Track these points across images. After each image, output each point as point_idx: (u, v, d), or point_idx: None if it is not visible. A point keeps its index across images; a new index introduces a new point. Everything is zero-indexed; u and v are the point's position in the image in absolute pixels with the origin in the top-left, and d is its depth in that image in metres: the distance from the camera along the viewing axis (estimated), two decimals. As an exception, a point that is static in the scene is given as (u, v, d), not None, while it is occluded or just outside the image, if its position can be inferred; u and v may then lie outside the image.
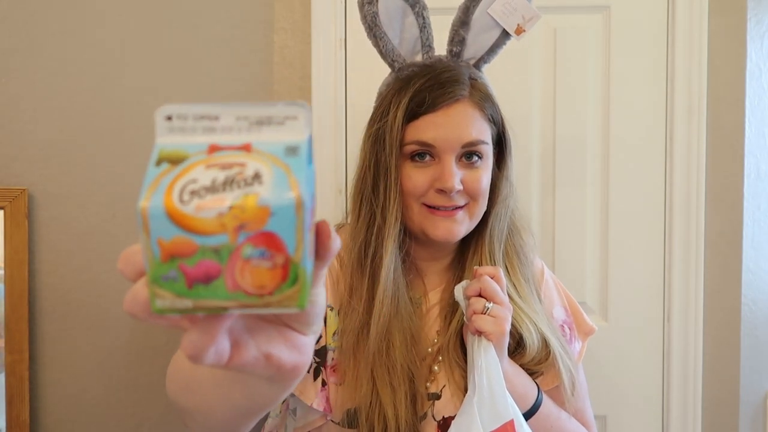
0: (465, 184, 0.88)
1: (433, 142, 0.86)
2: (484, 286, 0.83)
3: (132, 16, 1.24)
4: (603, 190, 1.37)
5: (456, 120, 0.86)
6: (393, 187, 0.88)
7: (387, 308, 0.87)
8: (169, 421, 1.30)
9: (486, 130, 0.89)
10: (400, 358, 0.86)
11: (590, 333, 1.05)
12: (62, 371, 1.24)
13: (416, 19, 0.91)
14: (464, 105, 0.88)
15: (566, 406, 0.95)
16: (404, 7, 0.91)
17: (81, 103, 1.22)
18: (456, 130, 0.86)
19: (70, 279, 1.24)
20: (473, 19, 0.91)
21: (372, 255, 0.89)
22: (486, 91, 0.91)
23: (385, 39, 0.92)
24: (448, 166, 0.86)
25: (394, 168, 0.88)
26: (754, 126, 1.34)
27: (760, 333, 1.37)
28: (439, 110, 0.86)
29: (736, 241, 1.34)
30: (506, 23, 0.91)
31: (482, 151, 0.89)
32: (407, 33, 0.92)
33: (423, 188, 0.88)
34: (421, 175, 0.88)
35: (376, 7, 0.90)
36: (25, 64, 1.20)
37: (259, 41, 1.31)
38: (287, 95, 1.33)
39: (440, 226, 0.89)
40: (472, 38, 0.92)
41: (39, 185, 1.21)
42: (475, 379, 0.80)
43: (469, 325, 0.83)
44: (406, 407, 0.85)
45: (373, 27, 0.92)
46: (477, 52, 0.94)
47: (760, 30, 1.33)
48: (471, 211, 0.90)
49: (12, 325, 1.18)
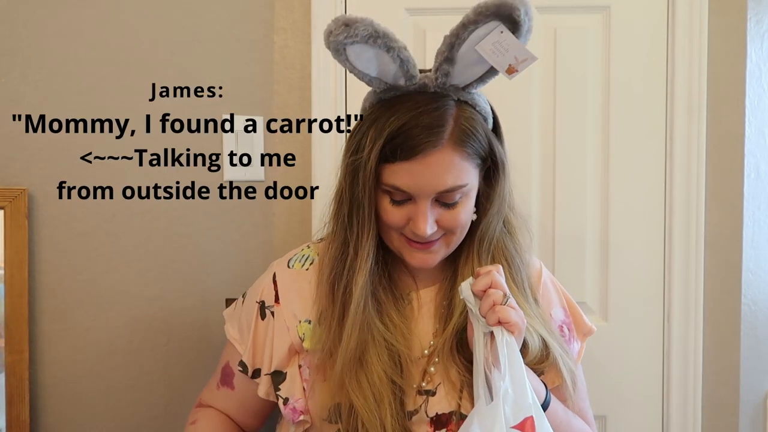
0: (440, 223, 0.87)
1: (408, 189, 0.84)
2: (494, 280, 0.82)
3: (132, 16, 1.24)
4: (603, 189, 1.37)
5: (432, 170, 0.83)
6: (366, 223, 0.87)
7: (354, 341, 0.87)
8: (169, 421, 1.30)
9: (466, 170, 0.85)
10: (378, 374, 0.87)
11: (589, 333, 1.05)
12: (62, 371, 1.24)
13: (392, 59, 0.83)
14: (442, 153, 0.83)
15: (567, 405, 0.95)
16: (377, 53, 0.83)
17: (81, 103, 1.22)
18: (432, 180, 0.83)
19: (70, 279, 1.24)
20: (458, 55, 0.82)
21: (343, 288, 0.90)
22: (470, 123, 0.85)
23: (361, 74, 0.86)
24: (422, 210, 0.85)
25: (367, 205, 0.87)
26: (754, 126, 1.34)
27: (760, 333, 1.37)
28: (415, 159, 0.82)
29: (736, 241, 1.34)
30: (496, 62, 0.82)
31: (461, 192, 0.86)
32: (386, 67, 0.85)
33: (400, 224, 0.88)
34: (398, 212, 0.87)
35: (344, 56, 0.83)
36: (25, 64, 1.20)
37: (259, 41, 1.31)
38: (287, 95, 1.33)
39: (416, 256, 0.90)
40: (459, 71, 0.85)
41: (39, 185, 1.21)
42: (494, 374, 0.78)
43: (489, 317, 0.81)
44: (392, 416, 0.85)
45: (350, 69, 0.86)
46: (465, 80, 0.87)
47: (760, 30, 1.34)
48: (447, 240, 0.90)
49: (12, 325, 1.18)
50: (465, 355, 0.90)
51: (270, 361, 0.95)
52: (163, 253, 1.28)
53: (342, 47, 0.82)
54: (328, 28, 0.81)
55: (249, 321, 0.98)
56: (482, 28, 0.80)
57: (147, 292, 1.28)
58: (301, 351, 0.94)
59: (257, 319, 0.97)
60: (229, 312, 1.05)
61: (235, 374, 1.00)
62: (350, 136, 0.91)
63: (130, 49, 1.24)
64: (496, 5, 0.78)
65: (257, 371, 0.97)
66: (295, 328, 0.94)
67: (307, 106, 1.33)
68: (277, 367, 0.94)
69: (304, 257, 0.99)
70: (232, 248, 1.32)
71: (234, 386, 1.01)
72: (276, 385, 0.94)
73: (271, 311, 0.96)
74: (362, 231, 0.88)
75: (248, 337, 0.98)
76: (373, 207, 0.87)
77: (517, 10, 0.78)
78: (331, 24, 0.80)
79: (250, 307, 0.99)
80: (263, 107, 1.32)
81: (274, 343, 0.95)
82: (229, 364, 1.01)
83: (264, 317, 0.97)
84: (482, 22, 0.79)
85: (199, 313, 1.31)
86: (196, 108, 1.28)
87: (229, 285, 1.31)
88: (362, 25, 0.79)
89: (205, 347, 1.31)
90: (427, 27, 1.33)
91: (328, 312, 0.91)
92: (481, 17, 0.79)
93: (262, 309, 0.97)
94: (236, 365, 0.99)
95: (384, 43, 0.81)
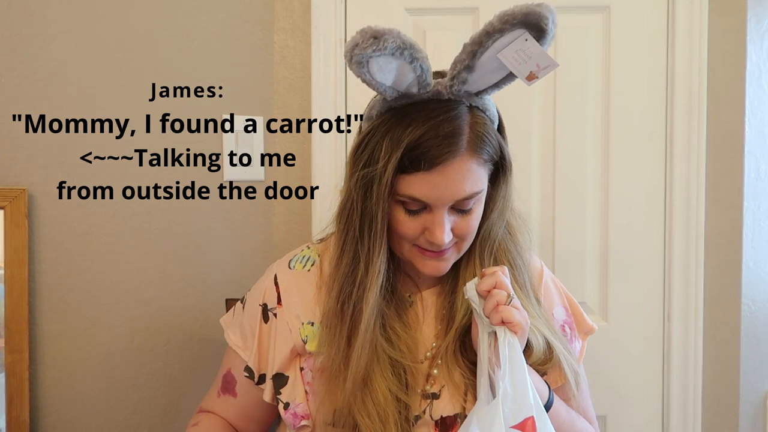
0: (455, 231, 0.86)
1: (426, 200, 0.83)
2: (499, 281, 0.82)
3: (131, 16, 1.24)
4: (603, 189, 1.37)
5: (451, 178, 0.82)
6: (379, 237, 0.85)
7: (364, 361, 0.86)
8: (169, 421, 1.30)
9: (481, 176, 0.85)
10: (383, 393, 0.85)
11: (590, 332, 1.05)
12: (62, 371, 1.24)
13: (413, 69, 0.80)
14: (461, 161, 0.82)
15: (570, 404, 0.95)
16: (400, 64, 0.80)
17: (81, 102, 1.22)
18: (451, 188, 0.82)
19: (70, 279, 1.24)
20: (478, 63, 0.80)
21: (353, 306, 0.88)
22: (484, 129, 0.84)
23: (378, 84, 0.82)
24: (438, 220, 0.83)
25: (380, 218, 0.84)
26: (754, 126, 1.34)
27: (760, 333, 1.37)
28: (435, 170, 0.81)
29: (736, 241, 1.34)
30: (517, 70, 0.80)
31: (476, 198, 0.86)
32: (403, 77, 0.82)
33: (415, 235, 0.86)
34: (413, 223, 0.85)
35: (366, 68, 0.79)
36: (25, 64, 1.20)
37: (259, 41, 1.31)
38: (287, 95, 1.33)
39: (428, 264, 0.89)
40: (476, 77, 0.82)
41: (39, 185, 1.21)
42: (496, 374, 0.78)
43: (492, 317, 0.80)
44: (399, 425, 0.85)
45: (368, 81, 0.82)
46: (480, 87, 0.85)
47: (760, 30, 1.34)
48: (459, 247, 0.90)
49: (12, 325, 1.18)
50: (468, 357, 0.90)
51: (273, 364, 0.94)
52: (163, 253, 1.28)
53: (366, 60, 0.78)
54: (353, 40, 0.76)
55: (252, 326, 0.97)
56: (507, 36, 0.77)
57: (147, 292, 1.28)
58: (304, 353, 0.93)
59: (261, 323, 0.96)
60: (228, 319, 1.03)
61: (237, 382, 0.99)
62: (359, 147, 0.87)
63: (130, 49, 1.24)
64: (524, 14, 0.75)
65: (263, 376, 0.96)
66: (297, 330, 0.93)
67: (307, 106, 1.33)
68: (278, 369, 0.93)
69: (305, 258, 0.99)
70: (232, 248, 1.32)
71: (236, 393, 0.99)
72: (277, 388, 0.93)
73: (273, 313, 0.95)
74: (374, 244, 0.86)
75: (253, 342, 0.96)
76: (386, 219, 0.86)
77: (545, 19, 0.75)
78: (357, 36, 0.76)
79: (252, 311, 0.98)
80: (263, 107, 1.32)
81: (276, 344, 0.94)
82: (231, 372, 1.00)
83: (267, 320, 0.96)
84: (508, 30, 0.77)
85: (199, 313, 1.31)
86: (196, 108, 1.28)
87: (229, 285, 1.31)
88: (391, 37, 0.76)
89: (205, 347, 1.31)
90: (427, 27, 1.33)
91: (336, 329, 0.89)
92: (507, 26, 0.76)
93: (265, 312, 0.96)
94: (240, 372, 0.98)
95: (410, 54, 0.78)
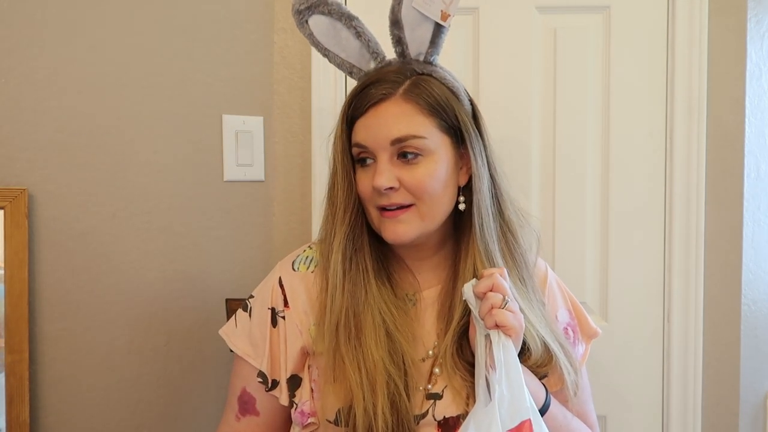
0: (403, 182, 0.88)
1: (364, 143, 0.89)
2: (496, 283, 0.82)
3: (132, 16, 1.24)
4: (603, 189, 1.37)
5: (382, 119, 0.87)
6: (342, 191, 0.91)
7: (338, 303, 0.89)
8: (169, 421, 1.30)
9: (421, 123, 0.87)
10: (373, 359, 0.86)
11: (594, 336, 1.04)
12: (62, 371, 1.24)
13: (350, 32, 0.93)
14: (391, 102, 0.87)
15: (568, 407, 0.95)
16: (333, 23, 0.93)
17: (81, 103, 1.22)
18: (383, 129, 0.87)
19: (70, 279, 1.24)
20: (402, 17, 0.90)
21: (326, 253, 0.93)
22: (427, 84, 0.89)
23: (330, 54, 0.95)
24: (379, 165, 0.88)
25: (341, 170, 0.91)
26: (754, 126, 1.34)
27: (760, 333, 1.37)
28: (368, 112, 0.88)
29: (736, 241, 1.34)
30: (430, 12, 0.89)
31: (418, 146, 0.87)
32: (348, 45, 0.94)
33: (369, 190, 0.89)
34: (366, 177, 0.90)
35: (308, 28, 0.94)
36: (25, 64, 1.20)
37: (259, 41, 1.31)
38: (287, 95, 1.33)
39: (389, 228, 0.89)
40: (408, 36, 0.91)
41: (39, 185, 1.21)
42: (492, 377, 0.78)
43: (486, 320, 0.81)
44: (389, 407, 0.84)
45: (316, 45, 0.96)
46: (420, 47, 0.92)
47: (760, 30, 1.34)
48: (420, 211, 0.89)
49: (12, 325, 1.18)
50: (466, 358, 0.89)
51: (285, 367, 0.94)
52: (163, 253, 1.28)
53: (305, 20, 0.94)
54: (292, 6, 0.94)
55: (263, 332, 0.96)
56: None
57: (147, 292, 1.28)
58: (312, 353, 0.93)
59: (270, 328, 0.95)
60: (229, 330, 1.00)
61: (256, 399, 0.96)
62: None
63: (130, 49, 1.24)
64: None
65: (275, 382, 0.95)
66: (307, 330, 0.94)
67: (307, 106, 1.33)
68: (292, 371, 0.93)
69: (308, 259, 0.98)
70: (232, 248, 1.32)
71: (258, 411, 0.96)
72: (292, 391, 0.93)
73: (281, 316, 0.95)
74: (340, 200, 0.91)
75: (264, 347, 0.95)
76: (347, 173, 0.91)
77: None
78: None
79: (260, 316, 0.97)
80: (263, 107, 1.32)
81: (287, 347, 0.94)
82: (247, 390, 0.96)
83: (275, 324, 0.95)
84: None
85: (199, 313, 1.30)
86: (196, 108, 1.28)
87: (229, 285, 1.31)
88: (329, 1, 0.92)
89: (205, 347, 1.31)
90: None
91: (323, 289, 0.93)
92: None
93: (274, 316, 0.95)
94: (256, 386, 0.95)
95: (347, 19, 0.92)
